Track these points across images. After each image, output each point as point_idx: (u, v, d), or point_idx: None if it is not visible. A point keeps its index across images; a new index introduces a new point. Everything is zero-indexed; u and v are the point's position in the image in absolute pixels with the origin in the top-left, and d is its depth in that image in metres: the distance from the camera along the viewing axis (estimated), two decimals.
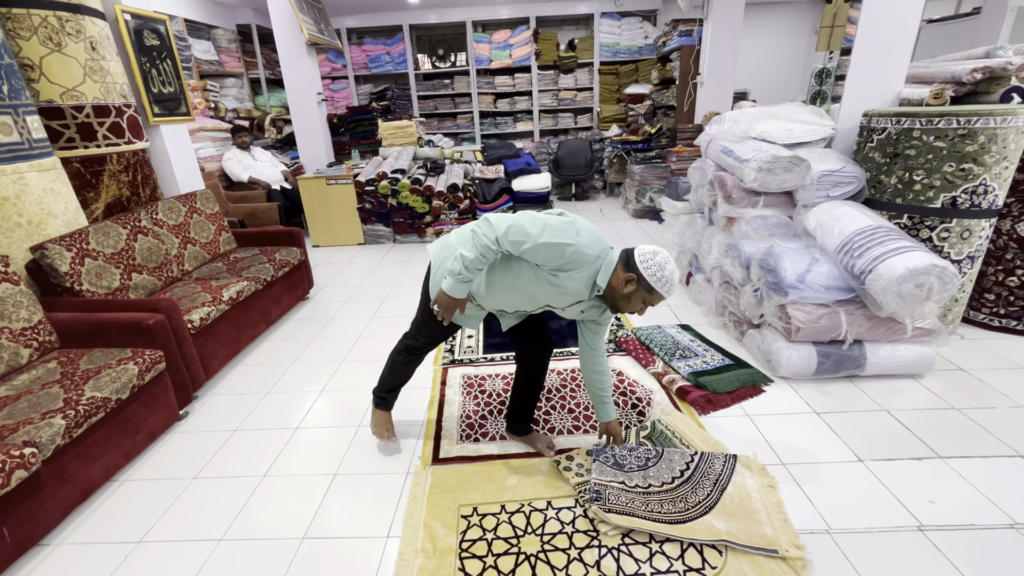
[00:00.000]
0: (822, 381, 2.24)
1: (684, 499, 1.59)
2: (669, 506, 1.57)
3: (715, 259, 2.78)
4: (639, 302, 1.42)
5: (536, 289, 1.48)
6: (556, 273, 1.41)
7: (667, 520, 1.52)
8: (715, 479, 1.65)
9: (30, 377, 1.85)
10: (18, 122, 2.15)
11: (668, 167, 5.13)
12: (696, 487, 1.63)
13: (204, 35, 5.32)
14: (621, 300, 1.42)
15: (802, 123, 2.74)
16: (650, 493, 1.61)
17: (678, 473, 1.68)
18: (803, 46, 7.25)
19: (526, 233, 1.35)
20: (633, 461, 1.73)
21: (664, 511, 1.55)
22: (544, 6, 6.79)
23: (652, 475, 1.68)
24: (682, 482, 1.65)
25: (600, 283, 1.42)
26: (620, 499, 1.58)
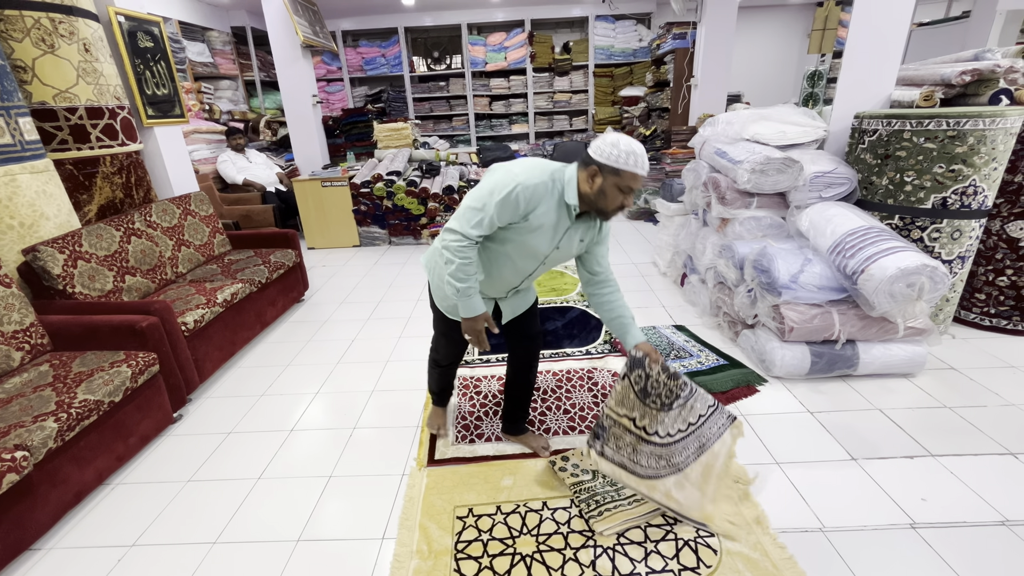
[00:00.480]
0: (815, 381, 2.25)
1: (669, 459, 1.54)
2: (652, 461, 1.53)
3: (709, 260, 2.80)
4: (615, 191, 1.33)
5: (529, 247, 1.44)
6: (528, 218, 1.37)
7: (640, 474, 1.51)
8: (702, 444, 1.58)
9: (22, 380, 1.84)
10: (10, 124, 2.14)
11: (663, 169, 5.15)
12: (686, 447, 1.57)
13: (199, 37, 5.31)
14: (599, 201, 1.35)
15: (794, 125, 2.76)
16: (650, 442, 1.54)
17: (685, 426, 1.57)
18: (796, 49, 7.31)
19: (479, 210, 1.35)
20: (663, 392, 1.56)
21: (645, 465, 1.52)
22: (539, 9, 6.82)
23: (667, 420, 1.55)
24: (683, 437, 1.57)
25: (570, 200, 1.37)
26: (619, 443, 1.52)
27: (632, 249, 4.32)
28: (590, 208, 1.40)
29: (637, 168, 1.30)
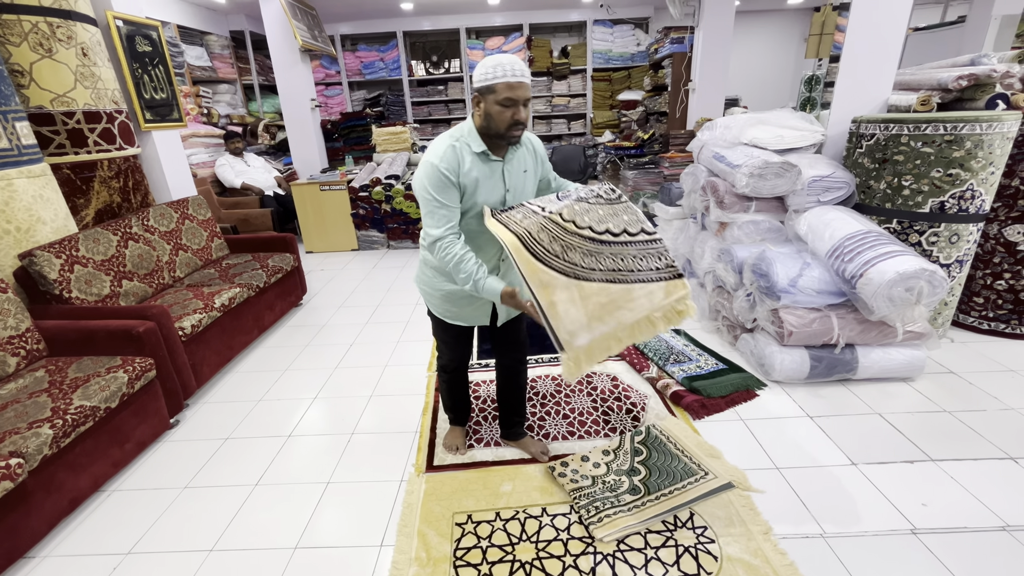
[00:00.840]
0: (815, 385, 2.25)
1: (598, 257, 1.36)
2: (581, 258, 1.34)
3: (708, 264, 2.80)
4: (498, 108, 1.33)
5: (487, 204, 1.46)
6: (463, 184, 1.41)
7: (563, 271, 1.33)
8: (636, 270, 1.38)
9: (17, 386, 1.82)
10: (7, 128, 2.14)
11: (661, 173, 5.16)
12: (620, 256, 1.38)
13: (197, 41, 5.31)
14: (492, 126, 1.37)
15: (792, 129, 2.77)
16: (581, 235, 1.36)
17: (618, 231, 1.39)
18: (792, 53, 7.35)
19: (433, 209, 1.41)
20: (591, 196, 1.45)
21: (575, 262, 1.34)
22: (537, 14, 6.84)
23: (597, 214, 1.38)
24: (616, 242, 1.38)
25: (476, 147, 1.40)
26: (543, 236, 1.35)
27: None
28: (492, 138, 1.41)
29: (506, 77, 1.30)
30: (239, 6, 5.45)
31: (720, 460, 1.81)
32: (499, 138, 1.40)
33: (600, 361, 1.40)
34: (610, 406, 2.17)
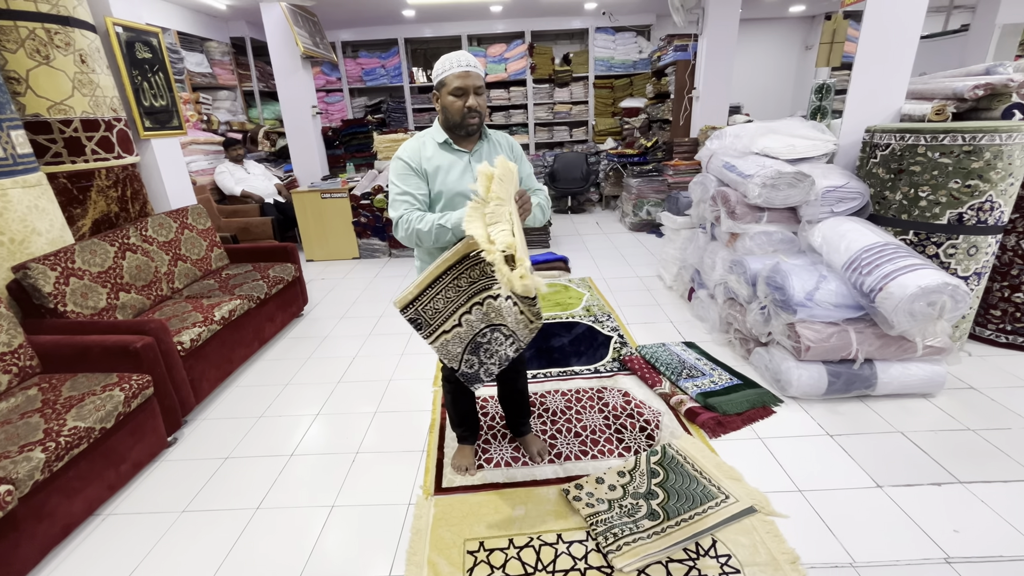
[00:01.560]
0: (833, 401, 2.19)
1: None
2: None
3: (719, 275, 2.74)
4: (451, 99, 1.44)
5: (456, 193, 1.51)
6: (426, 172, 1.50)
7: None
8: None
9: (8, 406, 1.75)
10: (2, 137, 2.07)
11: (665, 180, 5.13)
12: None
13: (198, 48, 5.27)
14: (449, 116, 1.47)
15: (804, 138, 2.73)
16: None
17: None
18: (794, 61, 7.35)
19: (396, 195, 1.50)
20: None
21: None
22: (539, 21, 6.83)
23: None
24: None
25: (438, 137, 1.51)
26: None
27: (636, 262, 4.27)
28: (453, 130, 1.50)
29: (453, 68, 1.41)
30: (240, 12, 5.42)
31: (740, 482, 1.74)
32: (458, 127, 1.48)
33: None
34: (623, 423, 2.11)
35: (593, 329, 3.01)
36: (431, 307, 1.46)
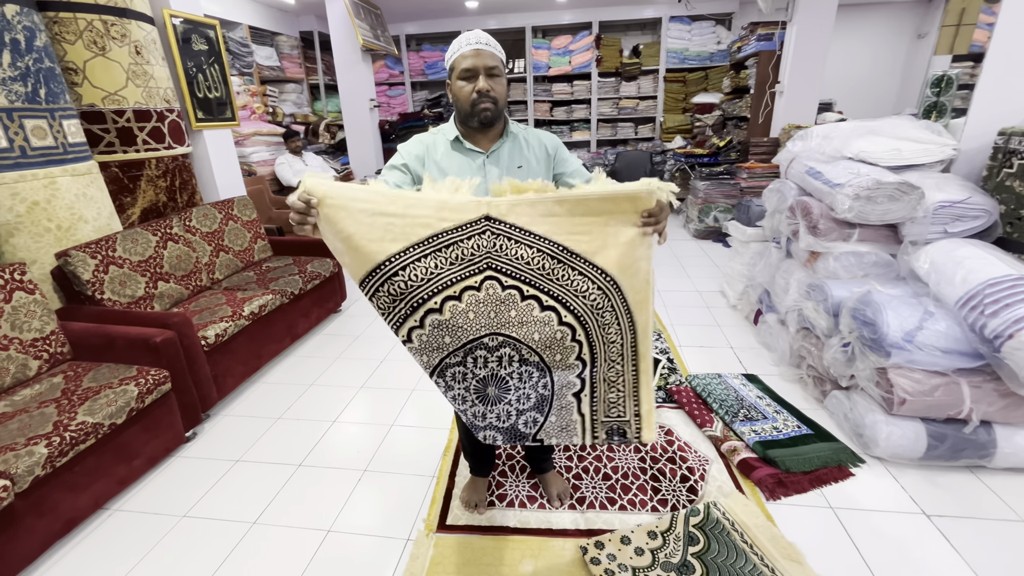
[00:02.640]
0: (933, 469, 1.77)
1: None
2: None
3: (793, 300, 2.35)
4: (459, 83, 1.23)
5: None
6: (417, 173, 1.26)
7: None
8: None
9: (32, 392, 1.77)
10: (53, 126, 2.12)
11: (737, 184, 4.63)
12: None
13: (268, 42, 5.44)
14: (459, 106, 1.24)
15: (913, 141, 2.26)
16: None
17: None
18: (902, 51, 6.44)
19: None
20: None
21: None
22: (608, 11, 6.46)
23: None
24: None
25: (449, 133, 1.29)
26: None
27: (696, 274, 3.87)
28: (466, 123, 1.27)
29: (461, 49, 1.21)
30: (308, 7, 5.53)
31: (802, 566, 1.41)
32: (469, 118, 1.24)
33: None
34: (661, 469, 1.81)
35: None
36: (409, 274, 1.00)
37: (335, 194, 0.95)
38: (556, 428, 1.06)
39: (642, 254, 0.98)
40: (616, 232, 0.97)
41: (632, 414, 1.04)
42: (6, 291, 1.83)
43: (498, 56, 1.23)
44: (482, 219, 0.98)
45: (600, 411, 1.04)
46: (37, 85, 2.05)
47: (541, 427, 1.06)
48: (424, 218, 0.97)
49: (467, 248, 0.99)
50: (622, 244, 0.98)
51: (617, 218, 0.98)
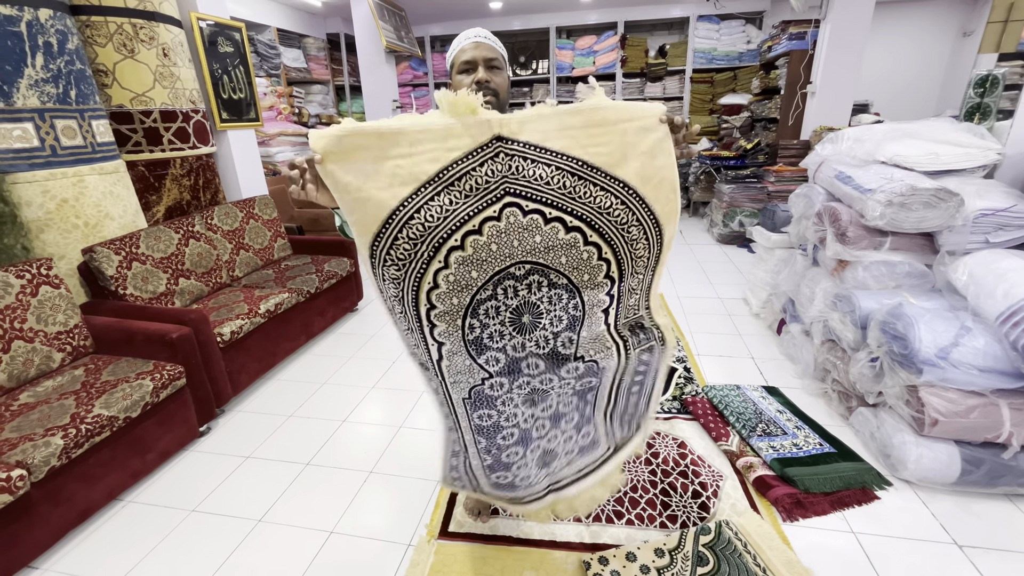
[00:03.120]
0: (967, 495, 1.65)
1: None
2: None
3: (819, 311, 2.24)
4: (459, 77, 1.21)
5: None
6: None
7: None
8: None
9: (54, 384, 1.83)
10: (83, 126, 2.19)
11: (764, 188, 4.49)
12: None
13: (295, 44, 5.55)
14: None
15: (952, 145, 2.13)
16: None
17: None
18: (946, 50, 6.13)
19: None
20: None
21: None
22: (634, 10, 6.35)
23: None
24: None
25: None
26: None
27: (719, 280, 3.75)
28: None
29: (460, 45, 1.21)
30: (335, 9, 5.61)
31: None
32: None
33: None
34: (672, 483, 1.75)
35: None
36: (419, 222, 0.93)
37: (336, 147, 0.90)
38: (589, 340, 1.06)
39: (664, 162, 0.95)
40: (635, 142, 0.93)
41: (644, 308, 1.08)
42: (33, 285, 1.89)
43: (498, 50, 1.21)
44: (493, 140, 0.92)
45: (621, 315, 1.07)
46: (68, 86, 2.12)
47: (578, 344, 1.05)
48: (431, 152, 0.91)
49: (481, 176, 0.92)
50: (642, 154, 0.94)
51: (636, 125, 0.94)
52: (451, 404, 1.11)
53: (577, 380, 1.10)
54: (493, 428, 1.10)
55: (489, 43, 1.20)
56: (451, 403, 1.11)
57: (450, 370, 1.03)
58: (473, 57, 1.18)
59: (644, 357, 1.14)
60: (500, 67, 1.21)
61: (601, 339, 1.06)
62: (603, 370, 1.10)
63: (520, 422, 1.10)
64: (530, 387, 1.07)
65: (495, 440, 1.12)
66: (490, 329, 1.00)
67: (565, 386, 1.10)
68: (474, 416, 1.09)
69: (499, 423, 1.09)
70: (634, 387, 1.21)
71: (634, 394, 1.23)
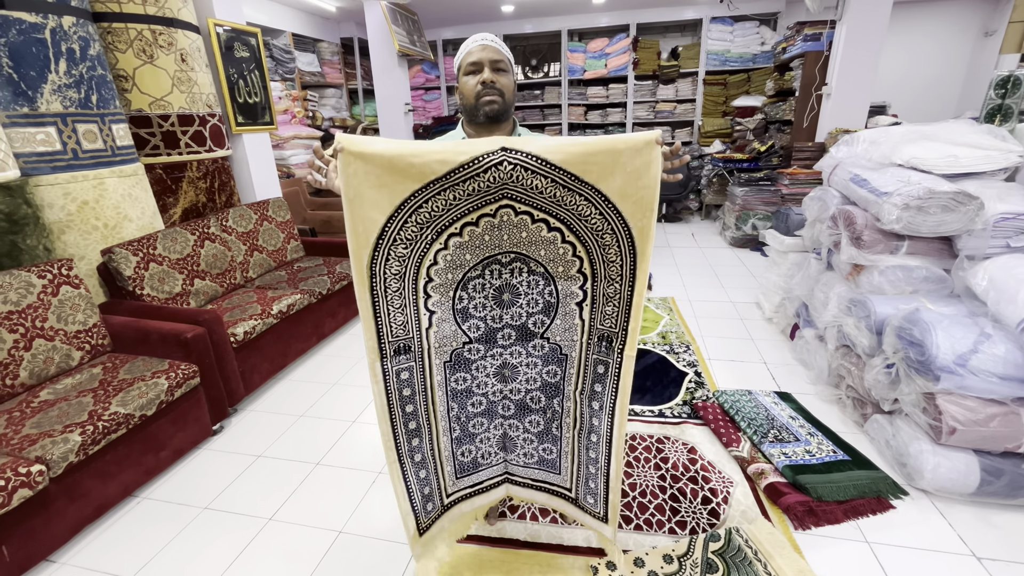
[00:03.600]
0: (986, 507, 1.61)
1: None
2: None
3: (833, 315, 2.21)
4: (464, 79, 1.27)
5: None
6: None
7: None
8: None
9: (73, 382, 1.87)
10: (103, 130, 2.25)
11: (778, 191, 4.44)
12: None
13: (310, 48, 5.62)
14: (465, 103, 1.28)
15: (972, 147, 2.08)
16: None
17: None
18: (967, 51, 6.01)
19: None
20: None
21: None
22: (646, 12, 6.33)
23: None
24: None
25: (456, 133, 1.36)
26: None
27: (731, 284, 3.72)
28: (472, 119, 1.31)
29: (467, 47, 1.25)
30: (349, 14, 5.68)
31: None
32: (474, 112, 1.27)
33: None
34: (682, 488, 1.73)
35: (666, 361, 2.61)
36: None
37: (359, 145, 1.02)
38: (561, 330, 1.22)
39: (646, 183, 1.06)
40: (625, 163, 1.05)
41: (620, 328, 1.17)
42: (54, 285, 1.94)
43: (504, 53, 1.25)
44: (499, 150, 1.04)
45: (597, 320, 1.19)
46: (90, 91, 2.17)
47: (548, 328, 1.22)
48: (441, 153, 1.04)
49: (483, 181, 1.05)
50: (628, 173, 1.05)
51: (630, 149, 1.05)
52: (427, 379, 1.21)
53: (543, 364, 1.25)
54: (465, 393, 1.27)
55: (495, 46, 1.24)
56: (428, 377, 1.21)
57: (437, 336, 1.19)
58: (479, 59, 1.22)
59: (599, 371, 1.22)
60: (506, 69, 1.25)
61: (571, 331, 1.22)
62: (566, 359, 1.24)
63: (489, 393, 1.28)
64: (502, 359, 1.24)
65: (466, 407, 1.28)
66: (475, 301, 1.19)
67: (532, 367, 1.25)
68: (451, 379, 1.24)
69: (471, 388, 1.27)
70: (593, 419, 1.25)
71: (593, 431, 1.27)
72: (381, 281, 1.11)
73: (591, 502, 1.33)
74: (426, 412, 1.25)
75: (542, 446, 1.34)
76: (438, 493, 1.32)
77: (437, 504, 1.33)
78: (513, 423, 1.32)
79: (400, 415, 1.23)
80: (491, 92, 1.22)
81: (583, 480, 1.34)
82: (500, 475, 1.39)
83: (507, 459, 1.37)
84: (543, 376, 1.27)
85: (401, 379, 1.20)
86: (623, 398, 1.22)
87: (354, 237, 1.07)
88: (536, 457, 1.35)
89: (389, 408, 1.21)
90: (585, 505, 1.34)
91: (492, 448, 1.34)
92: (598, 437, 1.27)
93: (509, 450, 1.35)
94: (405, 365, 1.19)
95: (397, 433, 1.22)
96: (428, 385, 1.23)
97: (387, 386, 1.19)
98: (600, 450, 1.25)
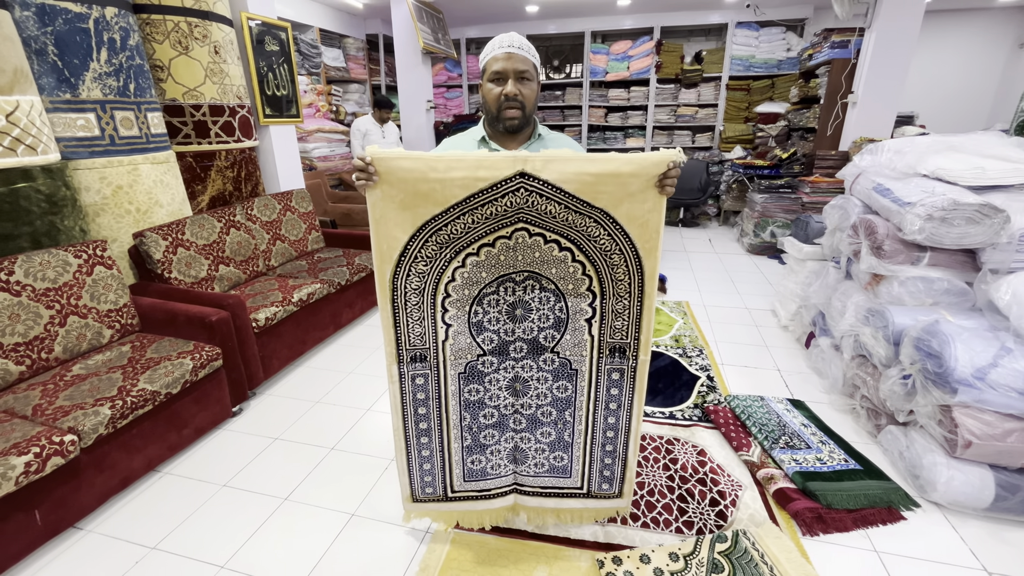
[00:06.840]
0: (1000, 522, 1.59)
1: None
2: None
3: (850, 325, 2.19)
4: (488, 86, 1.29)
5: None
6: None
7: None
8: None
9: (104, 358, 1.94)
10: (139, 118, 2.33)
11: (799, 199, 4.39)
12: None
13: (336, 44, 5.71)
14: (487, 109, 1.32)
15: (1000, 160, 2.05)
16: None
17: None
18: (1000, 62, 5.88)
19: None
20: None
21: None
22: (672, 16, 6.30)
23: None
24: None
25: (477, 134, 1.37)
26: None
27: (747, 290, 3.69)
28: (492, 125, 1.34)
29: (494, 51, 1.26)
30: (375, 11, 5.76)
31: None
32: (496, 121, 1.32)
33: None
34: (690, 490, 1.74)
35: (678, 364, 2.61)
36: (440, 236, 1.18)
37: (388, 164, 1.10)
38: (570, 344, 1.28)
39: (651, 207, 1.13)
40: (632, 191, 1.12)
41: (632, 339, 1.24)
42: (89, 265, 2.02)
43: (530, 60, 1.27)
44: (517, 176, 1.10)
45: (607, 335, 1.25)
46: (128, 80, 2.25)
47: (558, 342, 1.28)
48: (462, 180, 1.10)
49: (501, 205, 1.13)
50: (635, 199, 1.12)
51: (637, 178, 1.12)
52: (442, 388, 1.28)
53: (553, 379, 1.29)
54: (478, 404, 1.32)
55: (522, 54, 1.25)
56: (442, 386, 1.28)
57: (452, 348, 1.25)
58: (504, 68, 1.25)
59: (615, 377, 1.29)
60: (530, 78, 1.28)
61: (580, 346, 1.27)
62: (576, 373, 1.29)
63: (501, 405, 1.33)
64: (513, 372, 1.29)
65: (478, 418, 1.33)
66: (490, 315, 1.24)
67: (543, 382, 1.31)
68: (465, 390, 1.29)
69: (484, 400, 1.32)
70: (610, 418, 1.34)
71: (611, 428, 1.35)
72: (402, 295, 1.20)
73: (606, 488, 1.39)
74: (438, 417, 1.32)
75: (554, 454, 1.39)
76: (441, 487, 1.40)
77: (439, 492, 1.41)
78: (525, 435, 1.37)
79: (412, 413, 1.31)
80: (512, 106, 1.26)
81: (597, 472, 1.39)
82: (509, 485, 1.44)
83: (516, 471, 1.42)
84: (553, 392, 1.32)
85: (416, 384, 1.28)
86: (639, 396, 1.27)
87: (378, 253, 1.16)
88: (547, 466, 1.41)
89: (403, 407, 1.30)
90: (599, 493, 1.40)
91: (502, 460, 1.40)
92: (615, 432, 1.33)
93: (520, 462, 1.40)
94: (421, 372, 1.27)
95: (408, 428, 1.32)
96: (442, 393, 1.30)
97: (402, 387, 1.29)
98: (618, 441, 1.32)
